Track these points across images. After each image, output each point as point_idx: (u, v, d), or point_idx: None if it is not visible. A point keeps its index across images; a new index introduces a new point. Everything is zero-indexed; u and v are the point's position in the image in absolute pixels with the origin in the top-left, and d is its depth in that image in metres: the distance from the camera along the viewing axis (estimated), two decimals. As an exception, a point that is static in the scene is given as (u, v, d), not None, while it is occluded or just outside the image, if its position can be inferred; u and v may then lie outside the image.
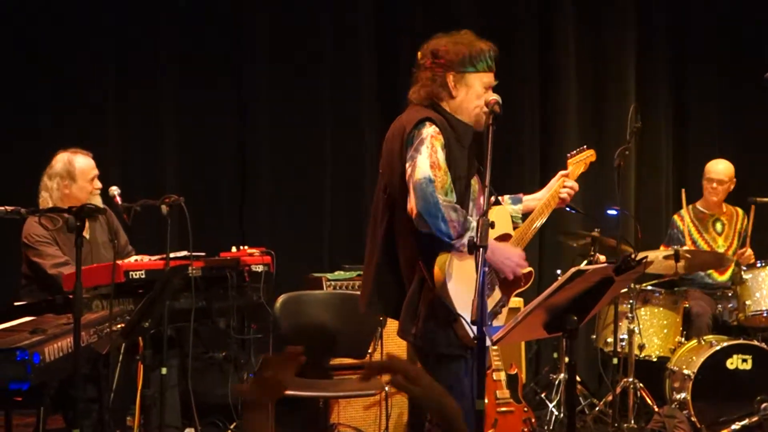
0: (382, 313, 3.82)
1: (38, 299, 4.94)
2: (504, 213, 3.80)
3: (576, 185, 4.03)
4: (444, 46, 3.62)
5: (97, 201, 5.10)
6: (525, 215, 3.95)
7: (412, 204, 3.43)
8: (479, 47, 3.62)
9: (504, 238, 3.72)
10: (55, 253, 4.94)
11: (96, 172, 5.20)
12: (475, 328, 3.28)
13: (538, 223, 3.89)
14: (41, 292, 5.00)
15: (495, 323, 3.58)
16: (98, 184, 5.18)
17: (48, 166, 5.13)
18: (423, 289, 3.51)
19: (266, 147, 6.66)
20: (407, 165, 3.48)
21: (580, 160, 4.17)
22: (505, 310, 3.70)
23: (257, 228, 6.57)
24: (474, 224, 3.43)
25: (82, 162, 5.14)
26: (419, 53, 3.68)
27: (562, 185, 3.99)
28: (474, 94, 3.61)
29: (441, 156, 3.47)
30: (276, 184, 6.66)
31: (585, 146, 4.25)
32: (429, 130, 3.50)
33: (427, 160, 3.44)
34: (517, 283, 3.72)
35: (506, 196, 4.00)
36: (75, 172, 5.09)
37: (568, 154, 4.17)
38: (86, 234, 5.16)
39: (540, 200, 3.96)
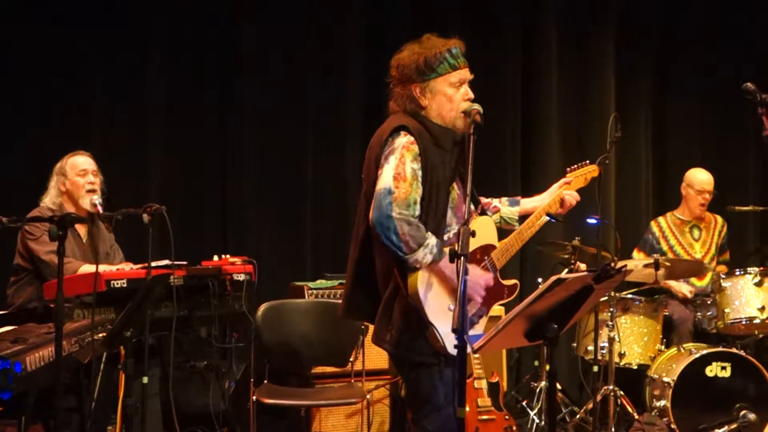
0: (357, 318, 3.79)
1: (25, 297, 5.00)
2: (488, 223, 3.77)
3: (577, 196, 4.03)
4: (403, 59, 3.58)
5: (91, 199, 5.15)
6: (522, 218, 3.93)
7: (370, 214, 3.43)
8: (435, 51, 3.55)
9: (487, 249, 3.71)
10: (53, 244, 4.94)
11: (89, 167, 5.24)
12: (448, 337, 3.31)
13: (529, 232, 3.86)
14: (31, 284, 5.03)
15: (471, 332, 3.57)
16: (91, 179, 5.21)
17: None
18: (397, 296, 3.50)
19: (249, 155, 6.66)
20: (378, 173, 3.48)
21: (581, 175, 4.14)
22: (483, 320, 3.69)
23: (240, 237, 6.56)
24: (432, 240, 3.42)
25: (75, 159, 5.25)
26: (390, 70, 3.65)
27: (562, 194, 3.98)
28: (444, 98, 3.56)
29: (409, 168, 3.44)
30: (258, 192, 6.66)
31: (587, 161, 4.24)
32: (402, 140, 3.47)
33: (392, 170, 3.42)
34: (500, 295, 3.72)
35: (504, 198, 3.99)
36: (66, 167, 5.21)
37: (568, 168, 4.15)
38: (83, 237, 5.19)
39: (540, 204, 3.94)
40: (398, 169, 3.43)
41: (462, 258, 3.13)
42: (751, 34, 7.62)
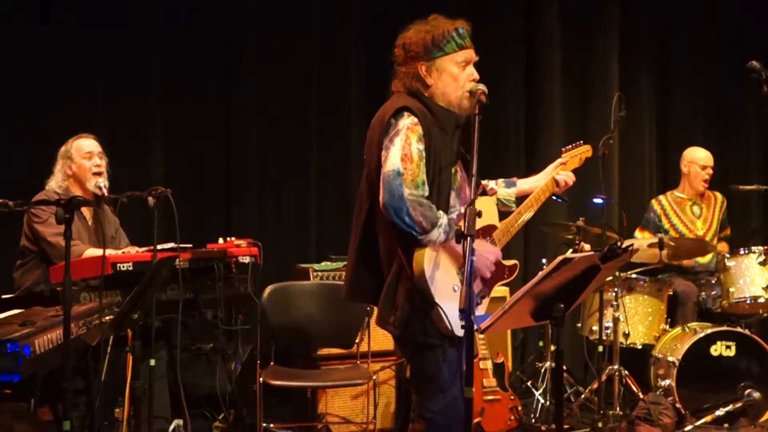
0: (361, 300, 3.77)
1: (33, 279, 5.02)
2: (490, 204, 3.79)
3: (572, 176, 4.04)
4: (409, 38, 3.59)
5: (96, 181, 5.16)
6: (519, 199, 3.95)
7: (380, 196, 3.43)
8: (443, 29, 3.56)
9: (489, 229, 3.72)
10: (59, 227, 4.96)
11: (94, 149, 5.24)
12: (453, 317, 3.32)
13: (528, 213, 3.89)
14: (38, 267, 5.04)
15: (476, 313, 3.58)
16: (97, 161, 5.22)
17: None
18: (401, 277, 3.49)
19: (252, 138, 6.65)
20: (382, 155, 3.47)
21: (576, 155, 4.18)
22: (485, 301, 3.69)
23: (244, 219, 6.56)
24: (444, 219, 3.44)
25: (80, 142, 5.26)
26: (395, 49, 3.65)
27: (559, 173, 4.00)
28: (449, 77, 3.57)
29: (415, 148, 3.43)
30: (262, 175, 6.66)
31: (581, 141, 4.26)
32: (406, 122, 3.46)
33: (399, 152, 3.42)
34: (501, 275, 3.72)
35: (500, 180, 3.99)
36: (71, 151, 5.21)
37: (564, 148, 4.17)
38: (89, 221, 5.19)
39: (536, 185, 3.96)
40: (405, 150, 3.42)
41: (468, 238, 3.14)
42: (753, 10, 7.60)
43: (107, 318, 4.05)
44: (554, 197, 4.04)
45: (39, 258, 5.04)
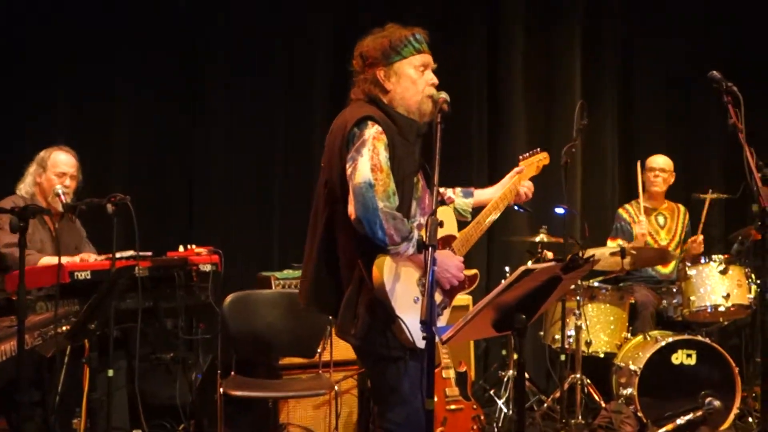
0: (321, 310, 3.71)
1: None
2: (448, 213, 3.77)
3: (532, 186, 4.04)
4: (366, 45, 3.59)
5: (57, 188, 5.12)
6: (475, 210, 3.93)
7: (351, 208, 3.38)
8: (400, 34, 3.56)
9: (448, 239, 3.69)
10: (14, 236, 4.88)
11: (68, 170, 5.22)
12: (415, 329, 3.28)
13: (489, 220, 3.87)
14: None
15: (437, 324, 3.55)
16: (67, 182, 5.19)
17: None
18: (362, 288, 3.46)
19: (215, 144, 6.61)
20: (348, 165, 3.42)
21: (533, 162, 4.17)
22: (447, 311, 3.67)
23: (206, 227, 6.50)
24: (414, 233, 3.42)
25: (58, 156, 5.24)
26: (353, 59, 3.64)
27: (518, 183, 3.99)
28: (408, 81, 3.56)
29: (383, 158, 3.41)
30: (225, 182, 6.61)
31: (538, 149, 4.25)
32: (371, 131, 3.43)
33: (368, 162, 3.38)
34: (461, 286, 3.69)
35: (458, 189, 3.98)
36: (47, 162, 5.19)
37: (521, 156, 4.16)
38: (53, 232, 5.13)
39: (493, 196, 3.95)
40: (374, 161, 3.39)
41: (430, 248, 3.11)
42: (715, 21, 7.66)
43: (63, 328, 3.98)
44: (516, 207, 4.03)
45: None
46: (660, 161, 6.72)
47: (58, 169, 5.19)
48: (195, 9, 6.58)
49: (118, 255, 4.61)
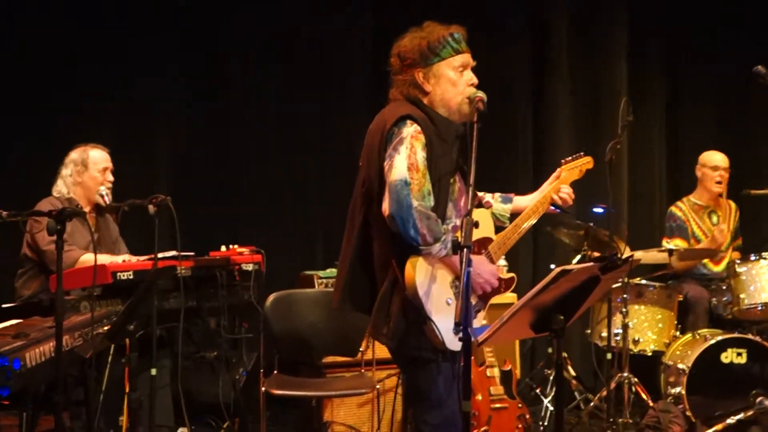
0: (355, 310, 3.66)
1: (33, 289, 5.02)
2: (486, 216, 3.74)
3: (571, 192, 3.97)
4: (404, 46, 3.55)
5: (101, 189, 5.21)
6: (513, 216, 3.89)
7: (386, 205, 3.37)
8: (438, 35, 3.52)
9: (484, 242, 3.66)
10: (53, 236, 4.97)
11: (109, 165, 5.32)
12: (447, 332, 3.25)
13: (527, 224, 3.83)
14: (37, 277, 5.04)
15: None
16: (110, 177, 5.29)
17: (66, 156, 5.31)
18: (395, 289, 3.43)
19: (256, 145, 6.64)
20: (385, 163, 3.42)
21: (576, 167, 4.10)
22: (481, 315, 3.64)
23: (250, 227, 6.53)
24: (448, 235, 3.39)
25: (96, 153, 5.32)
26: (390, 58, 3.61)
27: (556, 190, 3.93)
28: (447, 83, 3.52)
29: (420, 157, 3.39)
30: (267, 182, 6.64)
31: (582, 152, 4.18)
32: (410, 130, 3.41)
33: (405, 161, 3.36)
34: (497, 289, 3.65)
35: (497, 194, 3.94)
36: (87, 161, 5.26)
37: (563, 160, 4.10)
38: (93, 228, 5.19)
39: (531, 203, 3.91)
40: (411, 159, 3.37)
41: (465, 249, 3.08)
42: (764, 15, 7.51)
43: (104, 329, 4.01)
44: (555, 208, 3.97)
45: (38, 267, 5.03)
46: (720, 159, 6.58)
47: (100, 165, 5.28)
48: (228, 11, 6.60)
49: (160, 256, 4.63)
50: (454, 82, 3.53)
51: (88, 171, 5.24)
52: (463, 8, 6.74)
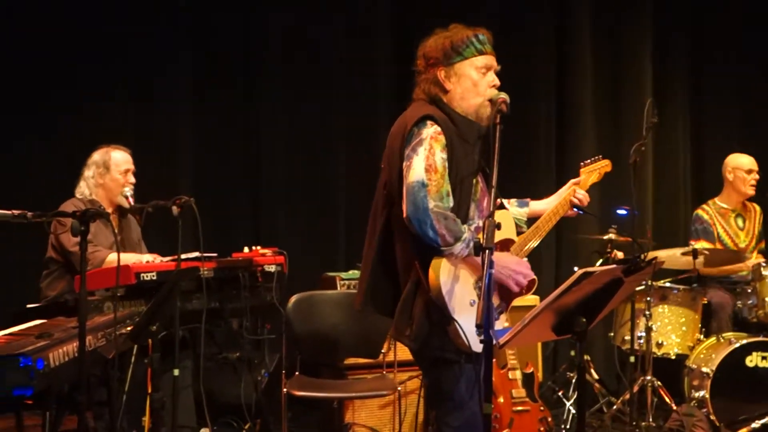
0: (377, 312, 3.66)
1: (59, 290, 5.04)
2: (507, 217, 3.73)
3: (587, 195, 3.96)
4: (429, 46, 3.56)
5: (126, 191, 5.24)
6: (530, 220, 3.89)
7: (404, 206, 3.37)
8: (462, 35, 3.52)
9: (506, 243, 3.65)
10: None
11: (131, 167, 5.34)
12: (471, 333, 3.23)
13: (545, 228, 3.82)
14: (62, 278, 5.06)
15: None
16: (132, 179, 5.32)
17: (88, 158, 5.32)
18: (418, 290, 3.42)
19: (279, 145, 6.63)
20: (404, 164, 3.42)
21: (594, 170, 4.10)
22: (503, 316, 3.63)
23: (272, 228, 6.54)
24: (467, 234, 3.38)
25: (118, 154, 5.34)
26: (417, 59, 3.62)
27: (573, 194, 3.92)
28: (469, 83, 3.51)
29: (439, 158, 3.38)
30: (290, 183, 6.64)
31: (600, 156, 4.18)
32: (429, 131, 3.41)
33: (423, 162, 3.36)
34: (519, 292, 3.62)
35: (513, 200, 3.94)
36: (110, 163, 5.28)
37: (582, 163, 4.10)
38: (116, 228, 5.22)
39: (549, 207, 3.90)
40: (429, 161, 3.37)
41: (487, 251, 3.07)
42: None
43: (127, 329, 4.03)
44: (578, 210, 3.96)
45: (64, 268, 5.06)
46: (751, 161, 6.53)
47: (122, 167, 5.29)
48: (251, 11, 6.61)
49: (183, 257, 4.65)
50: (476, 83, 3.52)
51: (109, 173, 5.27)
52: (486, 9, 6.77)
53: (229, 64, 6.55)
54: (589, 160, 4.13)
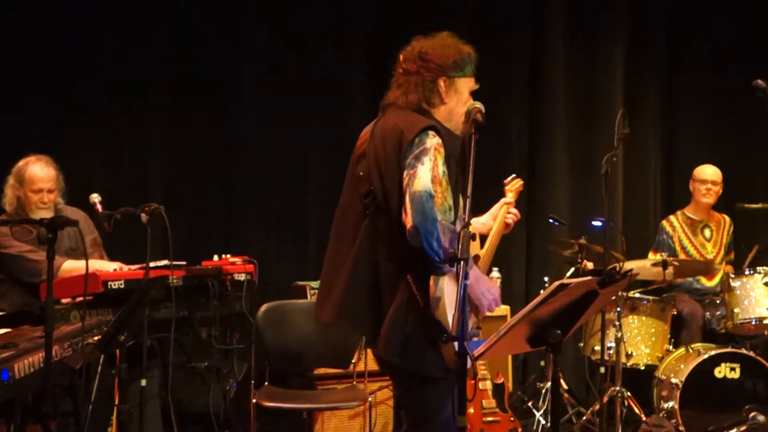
0: (352, 327, 3.56)
1: (15, 304, 4.89)
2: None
3: (518, 213, 3.89)
4: (432, 49, 3.45)
5: (43, 215, 4.90)
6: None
7: (408, 217, 3.24)
8: (465, 51, 3.48)
9: (474, 259, 3.59)
10: (21, 244, 4.88)
11: (45, 185, 5.02)
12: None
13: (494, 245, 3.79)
14: (14, 290, 4.92)
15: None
16: (45, 198, 5.02)
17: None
18: (409, 306, 3.29)
19: (250, 154, 6.58)
20: (405, 172, 3.29)
21: (513, 189, 4.03)
22: (480, 333, 3.58)
23: (242, 237, 6.47)
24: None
25: (35, 171, 5.03)
26: (401, 56, 3.50)
27: (507, 212, 3.85)
28: (462, 100, 3.46)
29: (442, 171, 3.29)
30: (261, 191, 6.58)
31: (515, 174, 4.09)
32: (433, 141, 3.31)
33: (429, 172, 3.26)
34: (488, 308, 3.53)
35: None
36: (24, 178, 5.03)
37: (505, 181, 4.02)
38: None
39: (485, 224, 3.81)
40: (434, 172, 3.27)
41: (462, 262, 3.03)
42: (763, 27, 7.51)
43: (94, 339, 3.96)
44: (551, 220, 3.94)
45: (10, 282, 4.92)
46: (711, 172, 6.58)
47: (34, 186, 5.00)
48: (228, 23, 6.57)
49: (152, 264, 4.59)
50: (465, 102, 3.48)
51: (23, 188, 5.01)
52: (460, 17, 6.75)
53: (202, 73, 6.48)
54: (509, 178, 4.04)
